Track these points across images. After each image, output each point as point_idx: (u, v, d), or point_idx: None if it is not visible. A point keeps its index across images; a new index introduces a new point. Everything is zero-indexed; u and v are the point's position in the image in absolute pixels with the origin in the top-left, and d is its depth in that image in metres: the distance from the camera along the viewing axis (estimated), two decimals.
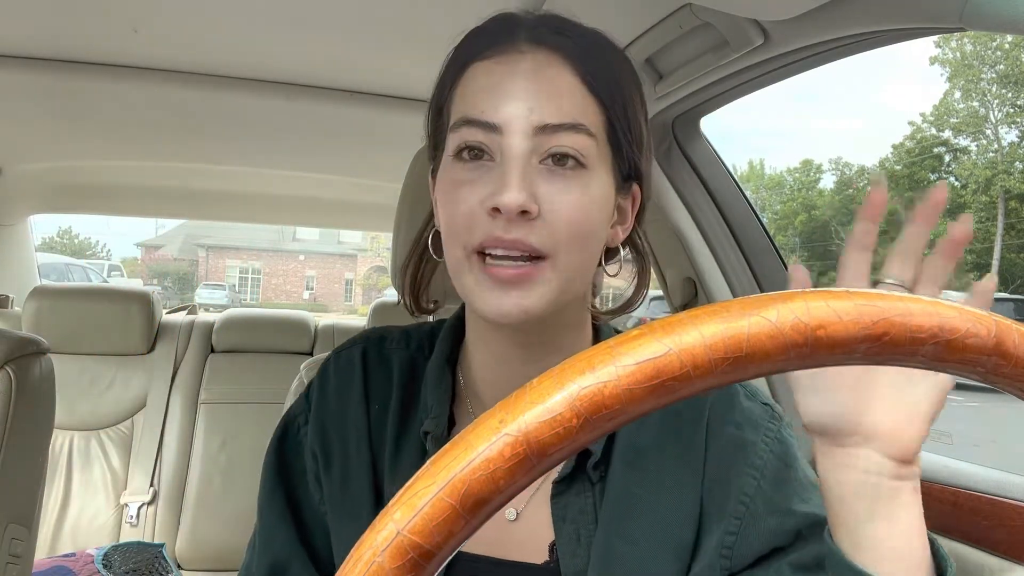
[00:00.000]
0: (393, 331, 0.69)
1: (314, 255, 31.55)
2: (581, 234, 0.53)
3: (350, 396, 0.64)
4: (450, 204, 0.54)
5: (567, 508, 0.59)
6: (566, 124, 0.52)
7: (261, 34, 1.20)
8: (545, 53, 0.54)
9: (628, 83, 0.58)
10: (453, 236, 0.55)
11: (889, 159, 28.13)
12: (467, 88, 0.55)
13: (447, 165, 0.56)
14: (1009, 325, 0.25)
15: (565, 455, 0.24)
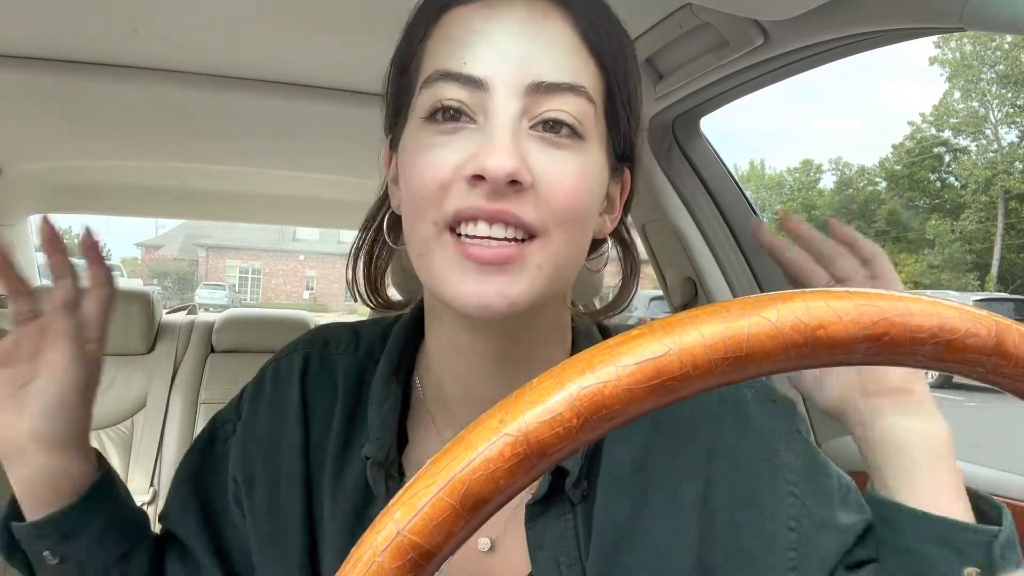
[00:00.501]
0: (341, 332, 0.60)
1: (314, 255, 31.54)
2: (577, 212, 0.45)
3: (286, 413, 0.57)
4: (418, 173, 0.45)
5: (544, 534, 0.51)
6: (564, 84, 0.44)
7: (261, 34, 1.20)
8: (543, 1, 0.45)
9: (629, 50, 0.50)
10: (419, 210, 0.45)
11: (889, 159, 28.13)
12: (444, 36, 0.46)
13: (415, 129, 0.46)
14: (1009, 325, 0.25)
15: (565, 455, 0.24)
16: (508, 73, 0.44)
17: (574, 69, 0.45)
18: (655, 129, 1.29)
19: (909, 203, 27.09)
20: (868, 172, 29.51)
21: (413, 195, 0.46)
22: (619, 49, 0.48)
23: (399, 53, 0.51)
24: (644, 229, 1.42)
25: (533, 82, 0.44)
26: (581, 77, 0.45)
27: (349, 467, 0.54)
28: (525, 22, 0.44)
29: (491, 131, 0.43)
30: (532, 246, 0.44)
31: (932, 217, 25.49)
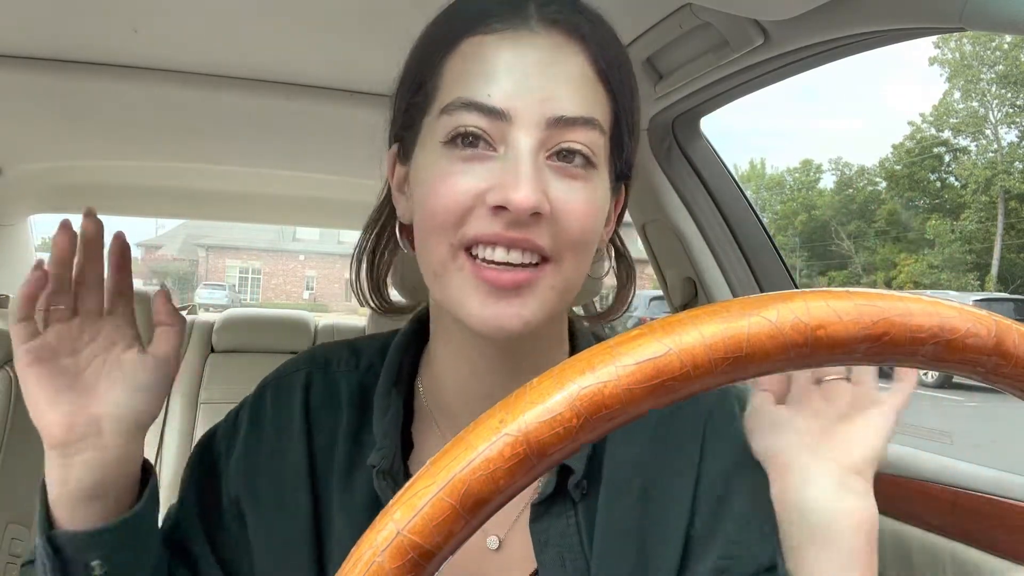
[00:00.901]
0: (341, 350, 0.62)
1: (314, 255, 31.53)
2: (588, 237, 0.48)
3: (289, 431, 0.58)
4: (437, 195, 0.47)
5: (548, 532, 0.53)
6: (581, 118, 0.47)
7: (261, 34, 1.20)
8: (561, 36, 0.47)
9: (633, 77, 0.52)
10: (437, 230, 0.47)
11: (889, 159, 28.13)
12: (466, 65, 0.48)
13: (433, 151, 0.48)
14: (1009, 325, 0.25)
15: (565, 455, 0.24)
16: (530, 107, 0.46)
17: (590, 103, 0.48)
18: (655, 129, 1.29)
19: (909, 203, 27.08)
20: (868, 172, 29.53)
21: (432, 216, 0.47)
22: (627, 79, 0.51)
23: (415, 67, 0.52)
24: (644, 229, 1.42)
25: (553, 116, 0.46)
26: (596, 110, 0.48)
27: (358, 480, 0.55)
28: (545, 57, 0.47)
29: (514, 163, 0.45)
30: (546, 270, 0.47)
31: (932, 217, 25.48)
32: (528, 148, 0.45)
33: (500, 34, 0.47)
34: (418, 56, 0.52)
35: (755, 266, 1.31)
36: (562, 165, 0.47)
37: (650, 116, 1.25)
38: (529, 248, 0.46)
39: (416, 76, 0.52)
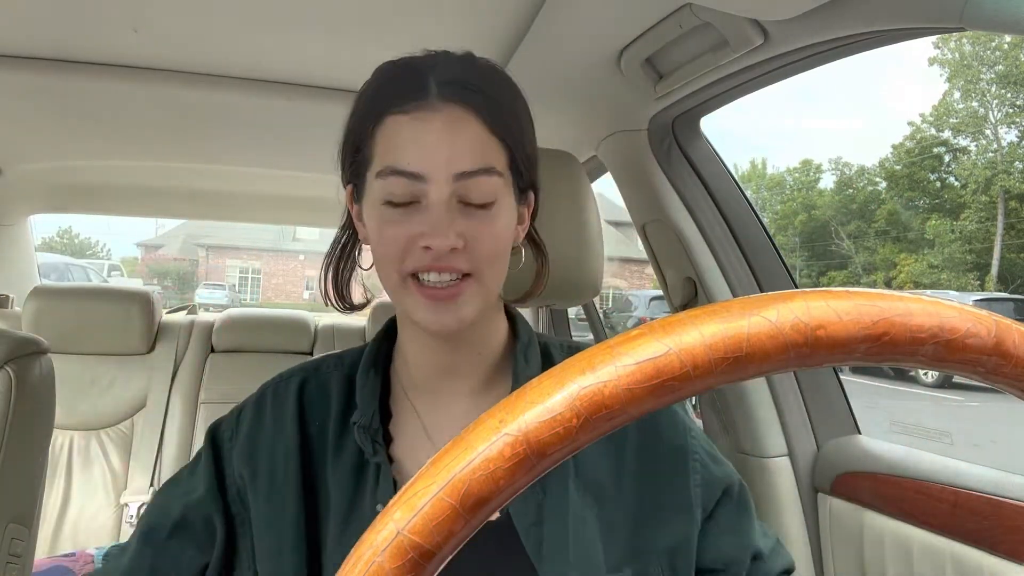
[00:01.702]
0: (329, 359, 0.76)
1: (314, 255, 31.47)
2: (498, 254, 0.63)
3: (285, 420, 0.69)
4: (383, 240, 0.62)
5: None
6: (479, 169, 0.60)
7: (261, 34, 1.20)
8: (456, 109, 0.60)
9: (522, 114, 0.66)
10: (388, 263, 0.63)
11: (889, 159, 28.12)
12: (388, 139, 0.62)
13: (375, 206, 0.62)
14: (1009, 325, 0.25)
15: (565, 455, 0.24)
16: (439, 168, 0.59)
17: (485, 156, 0.61)
18: (655, 129, 1.29)
19: (909, 203, 27.06)
20: (868, 172, 29.52)
21: (382, 255, 0.63)
22: (517, 124, 0.64)
23: (353, 133, 0.66)
24: (644, 229, 1.42)
25: (456, 172, 0.60)
26: (492, 158, 0.61)
27: (345, 449, 0.67)
28: (445, 127, 0.60)
29: (433, 213, 0.59)
30: (470, 283, 0.62)
31: (932, 217, 25.46)
32: (441, 200, 0.59)
33: (410, 114, 0.61)
34: (354, 125, 0.66)
35: (755, 266, 1.31)
36: (469, 207, 0.61)
37: (650, 116, 1.25)
38: (453, 271, 0.61)
39: (355, 140, 0.66)
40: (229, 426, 0.72)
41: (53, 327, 1.92)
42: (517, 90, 0.67)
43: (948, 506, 0.96)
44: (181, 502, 0.68)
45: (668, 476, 0.67)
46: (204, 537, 0.66)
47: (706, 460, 0.69)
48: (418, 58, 0.65)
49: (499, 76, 0.66)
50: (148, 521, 0.68)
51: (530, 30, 1.09)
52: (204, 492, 0.67)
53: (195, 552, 0.65)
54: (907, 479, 1.04)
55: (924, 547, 0.99)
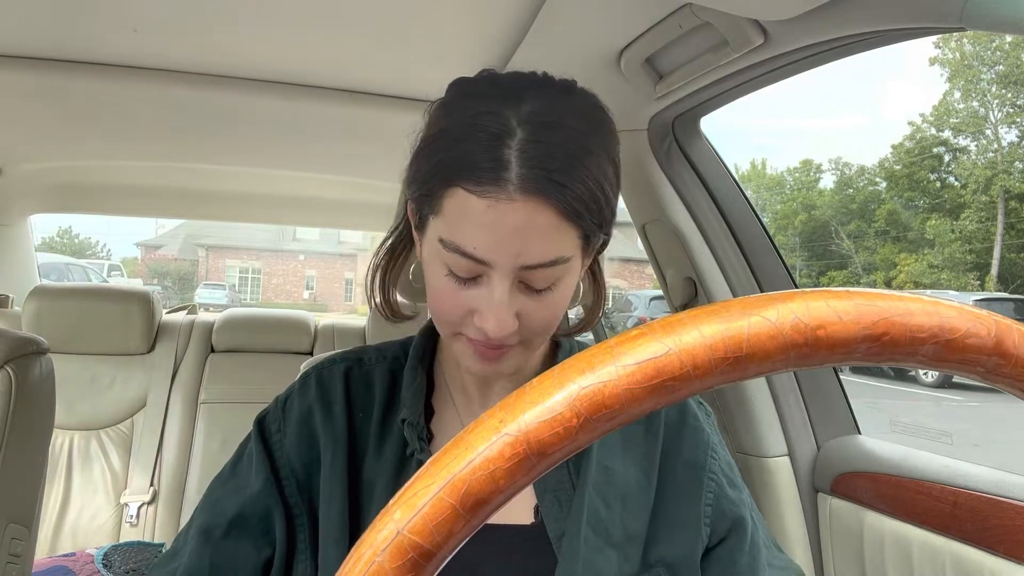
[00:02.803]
0: (369, 351, 0.76)
1: (314, 255, 31.52)
2: (551, 324, 0.62)
3: (332, 408, 0.70)
4: (439, 302, 0.61)
5: (546, 480, 0.66)
6: (547, 263, 0.57)
7: (261, 34, 1.20)
8: (536, 200, 0.55)
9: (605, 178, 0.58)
10: (440, 321, 0.63)
11: (889, 159, 28.11)
12: (457, 213, 0.57)
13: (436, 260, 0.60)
14: (1009, 325, 0.25)
15: (565, 455, 0.24)
16: (506, 260, 0.56)
17: (558, 246, 0.57)
18: (655, 129, 1.29)
19: (909, 203, 27.05)
20: (868, 172, 29.50)
21: (436, 309, 0.62)
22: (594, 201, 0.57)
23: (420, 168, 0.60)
24: (644, 229, 1.42)
25: (524, 265, 0.57)
26: (564, 248, 0.57)
27: (387, 443, 0.69)
28: (520, 220, 0.55)
29: (491, 298, 0.58)
30: (520, 347, 0.62)
31: (932, 217, 25.45)
32: (503, 288, 0.57)
33: (486, 198, 0.55)
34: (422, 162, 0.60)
35: (755, 266, 1.31)
36: (531, 290, 0.59)
37: (650, 116, 1.25)
38: (504, 346, 0.61)
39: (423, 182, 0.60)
40: (275, 417, 0.71)
41: (53, 327, 1.92)
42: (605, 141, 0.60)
43: (948, 506, 0.96)
44: (236, 499, 0.67)
45: (683, 490, 0.68)
46: (261, 533, 0.66)
47: (722, 481, 0.69)
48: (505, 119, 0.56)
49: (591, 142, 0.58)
50: (203, 520, 0.66)
51: (530, 30, 1.09)
52: (260, 487, 0.67)
53: (253, 549, 0.65)
54: (907, 479, 1.04)
55: (924, 547, 0.99)
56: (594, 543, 0.63)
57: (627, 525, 0.65)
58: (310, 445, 0.68)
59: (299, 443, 0.69)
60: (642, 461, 0.68)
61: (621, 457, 0.68)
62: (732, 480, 0.71)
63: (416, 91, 1.44)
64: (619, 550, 0.64)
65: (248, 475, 0.68)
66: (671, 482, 0.68)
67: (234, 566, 0.64)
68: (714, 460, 0.70)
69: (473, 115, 0.57)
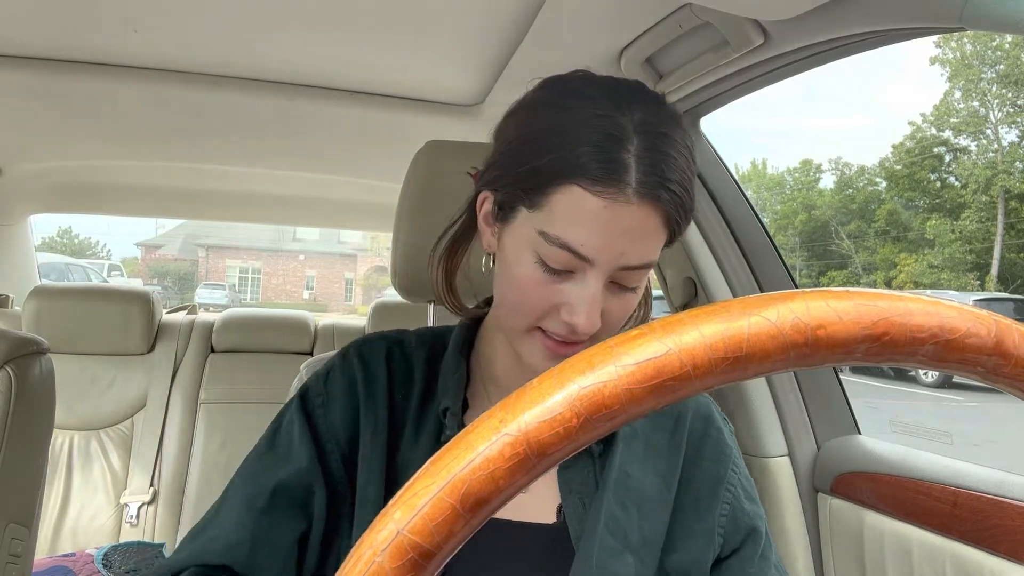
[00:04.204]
0: (409, 335, 0.77)
1: (314, 255, 31.53)
2: (619, 325, 0.63)
3: (376, 386, 0.70)
4: (524, 295, 0.61)
5: (572, 481, 0.67)
6: (643, 264, 0.59)
7: (261, 34, 1.20)
8: (648, 207, 0.57)
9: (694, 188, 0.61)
10: (520, 313, 0.62)
11: (889, 159, 28.11)
12: (570, 210, 0.57)
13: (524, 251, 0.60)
14: (1009, 325, 0.25)
15: (565, 455, 0.24)
16: (609, 260, 0.58)
17: (653, 252, 0.60)
18: None
19: (909, 203, 27.04)
20: (868, 172, 29.50)
21: (515, 304, 0.62)
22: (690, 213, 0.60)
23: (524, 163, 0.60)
24: None
25: (623, 266, 0.59)
26: (656, 254, 0.60)
27: (423, 429, 0.69)
28: (633, 225, 0.57)
29: (584, 293, 0.58)
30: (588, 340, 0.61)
31: (932, 217, 25.44)
32: (597, 285, 0.59)
33: (604, 198, 0.56)
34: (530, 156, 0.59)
35: (755, 266, 1.31)
36: (619, 289, 0.61)
37: None
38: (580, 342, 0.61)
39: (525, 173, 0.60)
40: (318, 392, 0.71)
41: (53, 327, 1.92)
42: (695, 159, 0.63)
43: (948, 506, 0.96)
44: (277, 471, 0.67)
45: (701, 500, 0.69)
46: (301, 506, 0.66)
47: (739, 494, 0.70)
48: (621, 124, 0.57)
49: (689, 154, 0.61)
50: (245, 492, 0.66)
51: (530, 30, 1.09)
52: (303, 461, 0.67)
53: (293, 522, 0.65)
54: (907, 479, 1.04)
55: (924, 547, 0.99)
56: (611, 546, 0.63)
57: (644, 530, 0.66)
58: (353, 419, 0.69)
59: (344, 416, 0.69)
60: (663, 469, 0.69)
61: (642, 464, 0.68)
62: (749, 494, 0.71)
63: (416, 91, 1.44)
64: (636, 554, 0.64)
65: (288, 449, 0.68)
66: (690, 491, 0.69)
67: (273, 539, 0.64)
68: (734, 473, 0.71)
69: (586, 117, 0.58)
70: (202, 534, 0.65)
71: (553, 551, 0.65)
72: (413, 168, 0.93)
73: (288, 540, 0.64)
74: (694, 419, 0.72)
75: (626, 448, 0.68)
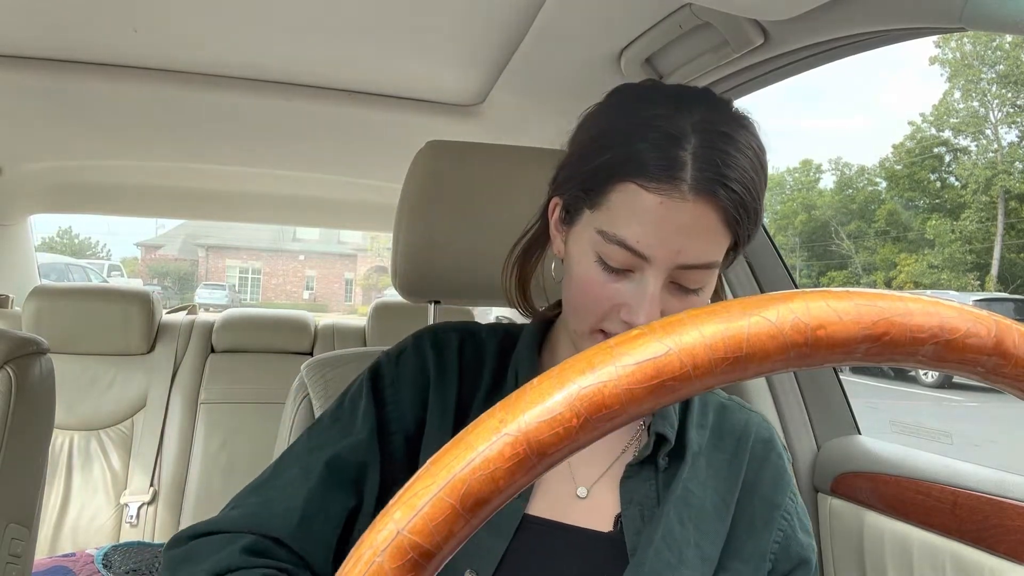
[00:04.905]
0: (481, 327, 0.78)
1: (314, 255, 31.53)
2: None
3: (448, 373, 0.71)
4: (586, 295, 0.62)
5: (634, 492, 0.67)
6: (704, 264, 0.59)
7: (261, 34, 1.20)
8: (704, 204, 0.57)
9: (762, 193, 0.61)
10: (583, 315, 0.63)
11: (889, 159, 28.12)
12: (626, 207, 0.59)
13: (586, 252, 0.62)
14: (1009, 325, 0.25)
15: (565, 455, 0.24)
16: (666, 257, 0.58)
17: (714, 250, 0.59)
18: None
19: (909, 203, 27.04)
20: (868, 172, 29.50)
21: (578, 305, 0.63)
22: (756, 212, 0.60)
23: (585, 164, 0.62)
24: None
25: (681, 264, 0.59)
26: (718, 253, 0.60)
27: None
28: (688, 221, 0.57)
29: (643, 291, 0.59)
30: None
31: (932, 217, 25.44)
32: (657, 283, 0.59)
33: (659, 195, 0.57)
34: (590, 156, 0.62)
35: (755, 266, 1.31)
36: (680, 290, 0.61)
37: None
38: None
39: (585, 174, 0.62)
40: (389, 371, 0.72)
41: (53, 327, 1.92)
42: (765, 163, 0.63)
43: (948, 506, 0.96)
44: (336, 444, 0.67)
45: (755, 524, 0.68)
46: (354, 480, 0.66)
47: (795, 523, 0.70)
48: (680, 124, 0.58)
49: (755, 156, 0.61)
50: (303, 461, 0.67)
51: (530, 30, 1.09)
52: (365, 436, 0.67)
53: (345, 495, 0.66)
54: (907, 479, 1.04)
55: (924, 547, 0.99)
56: (666, 559, 0.63)
57: (700, 547, 0.65)
58: (423, 401, 0.69)
59: (413, 398, 0.70)
60: (722, 489, 0.69)
61: (703, 482, 0.68)
62: (805, 526, 0.72)
63: (416, 92, 1.44)
64: (690, 569, 0.64)
65: (352, 423, 0.69)
66: (747, 514, 0.69)
67: (325, 507, 0.64)
68: (791, 502, 0.71)
69: (647, 117, 0.59)
70: (256, 494, 0.66)
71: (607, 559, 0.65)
72: (413, 168, 0.93)
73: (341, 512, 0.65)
74: (755, 443, 0.72)
75: (691, 466, 0.68)
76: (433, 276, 0.93)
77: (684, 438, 0.69)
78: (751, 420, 0.75)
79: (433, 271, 0.93)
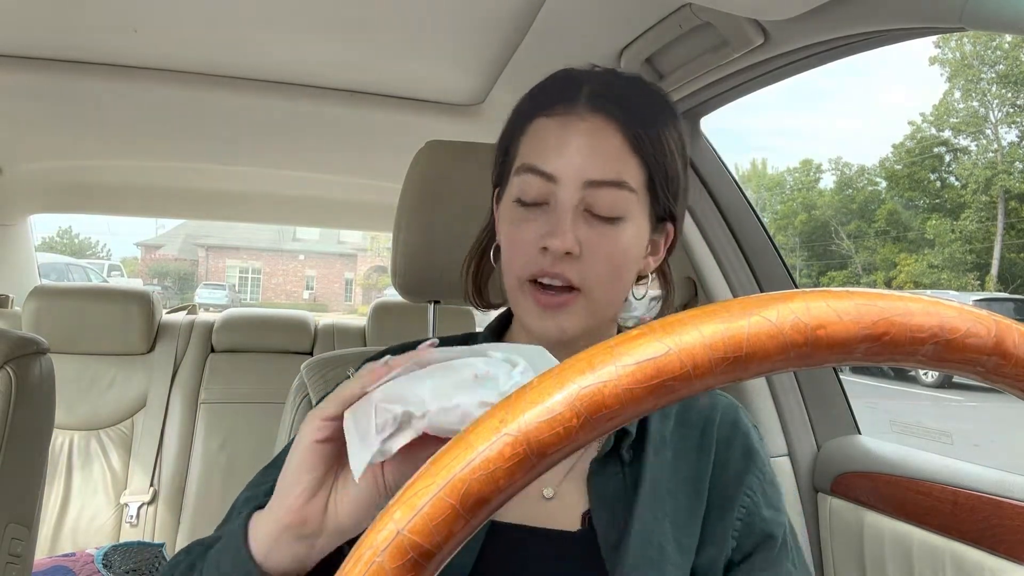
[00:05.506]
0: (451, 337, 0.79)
1: (314, 255, 31.53)
2: (612, 273, 0.63)
3: None
4: (509, 241, 0.65)
5: (603, 486, 0.67)
6: (610, 181, 0.61)
7: (261, 34, 1.20)
8: (601, 119, 0.62)
9: (670, 139, 0.64)
10: (510, 268, 0.65)
11: (889, 159, 28.11)
12: (532, 140, 0.64)
13: (509, 205, 0.65)
14: (1009, 325, 0.25)
15: (565, 455, 0.24)
16: (571, 172, 0.61)
17: (620, 169, 0.62)
18: None
19: (909, 203, 27.03)
20: (868, 172, 29.49)
21: (506, 259, 0.66)
22: (660, 145, 0.63)
23: (503, 139, 0.69)
24: None
25: (587, 179, 0.61)
26: (625, 174, 0.62)
27: None
28: (586, 136, 0.62)
29: (556, 215, 0.61)
30: (578, 296, 0.63)
31: (932, 217, 25.43)
32: (567, 204, 0.61)
33: (557, 118, 0.63)
34: (507, 128, 0.69)
35: (755, 266, 1.31)
36: (594, 218, 0.62)
37: None
38: (562, 279, 0.62)
39: (505, 143, 0.69)
40: None
41: (53, 327, 1.92)
42: (674, 118, 0.66)
43: (948, 506, 0.96)
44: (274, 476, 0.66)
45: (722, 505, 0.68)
46: None
47: (758, 499, 0.69)
48: (577, 69, 0.67)
49: (657, 100, 0.66)
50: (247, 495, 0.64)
51: (530, 30, 1.09)
52: None
53: None
54: (907, 479, 1.04)
55: (924, 547, 0.99)
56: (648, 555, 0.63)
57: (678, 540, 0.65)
58: None
59: None
60: (692, 477, 0.68)
61: (672, 473, 0.68)
62: (771, 501, 0.70)
63: (416, 92, 1.44)
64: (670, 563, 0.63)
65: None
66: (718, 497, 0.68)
67: None
68: (756, 478, 0.70)
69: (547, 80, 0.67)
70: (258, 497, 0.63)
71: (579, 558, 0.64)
72: (413, 168, 0.93)
73: None
74: (721, 425, 0.71)
75: (656, 457, 0.68)
76: (433, 276, 0.93)
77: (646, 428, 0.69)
78: (717, 403, 0.74)
79: (433, 271, 0.93)
